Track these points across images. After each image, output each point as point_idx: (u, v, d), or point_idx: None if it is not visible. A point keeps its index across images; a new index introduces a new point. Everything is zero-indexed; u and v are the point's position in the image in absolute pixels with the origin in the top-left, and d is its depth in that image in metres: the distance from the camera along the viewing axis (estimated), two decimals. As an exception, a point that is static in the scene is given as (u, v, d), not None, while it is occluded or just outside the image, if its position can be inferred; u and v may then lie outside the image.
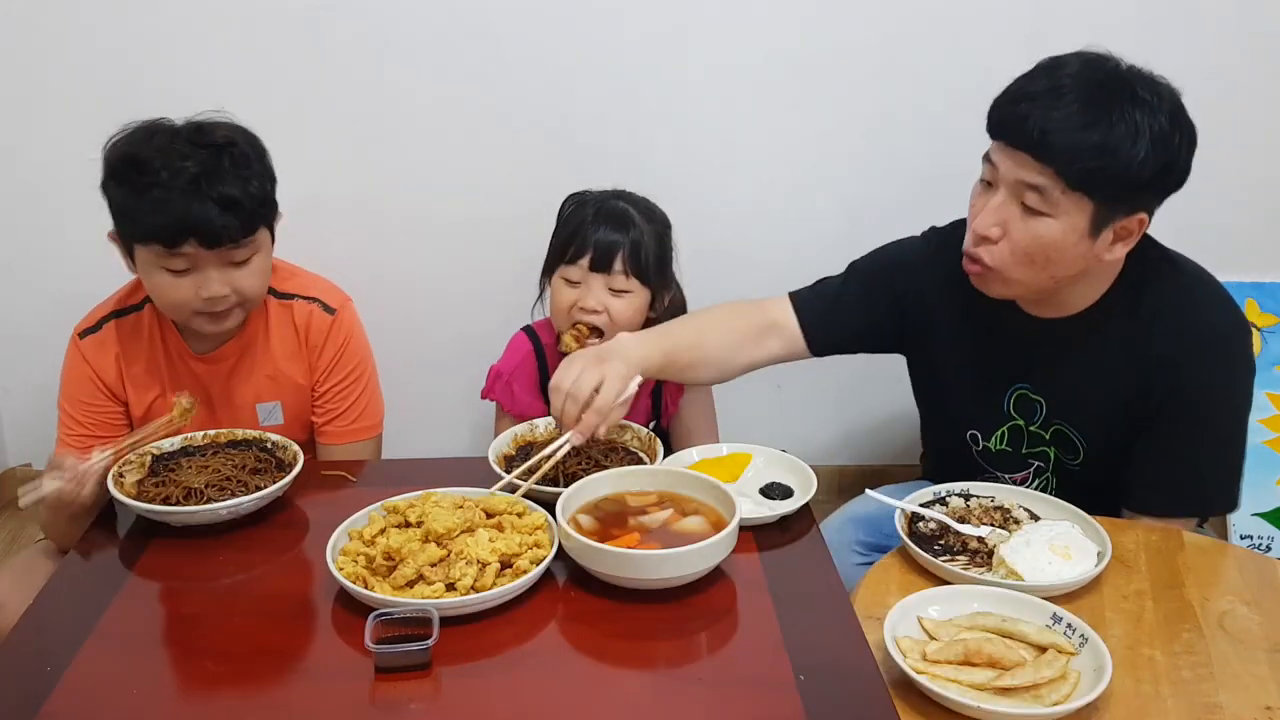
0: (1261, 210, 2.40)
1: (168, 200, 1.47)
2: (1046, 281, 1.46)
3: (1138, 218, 1.41)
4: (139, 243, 1.53)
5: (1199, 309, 1.49)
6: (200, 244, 1.50)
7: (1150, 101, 1.35)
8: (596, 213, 1.79)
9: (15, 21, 2.19)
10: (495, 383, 1.93)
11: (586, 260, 1.77)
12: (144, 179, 1.49)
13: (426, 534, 1.26)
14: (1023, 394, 1.59)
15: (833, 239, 2.34)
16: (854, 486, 1.75)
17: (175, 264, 1.53)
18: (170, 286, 1.55)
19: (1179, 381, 1.47)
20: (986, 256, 1.45)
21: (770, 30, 2.25)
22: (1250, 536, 2.36)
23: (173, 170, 1.48)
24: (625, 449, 1.55)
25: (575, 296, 1.79)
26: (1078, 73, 1.38)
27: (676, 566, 1.20)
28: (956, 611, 1.22)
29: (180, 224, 1.48)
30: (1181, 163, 1.39)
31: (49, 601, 1.24)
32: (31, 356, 2.46)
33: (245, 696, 1.08)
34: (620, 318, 1.79)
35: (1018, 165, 1.39)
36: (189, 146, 1.51)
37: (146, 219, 1.50)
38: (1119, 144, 1.34)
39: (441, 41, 2.22)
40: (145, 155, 1.50)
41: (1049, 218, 1.39)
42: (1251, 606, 1.28)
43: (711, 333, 1.63)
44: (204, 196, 1.48)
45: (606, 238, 1.76)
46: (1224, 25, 2.24)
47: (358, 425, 1.77)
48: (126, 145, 1.54)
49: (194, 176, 1.48)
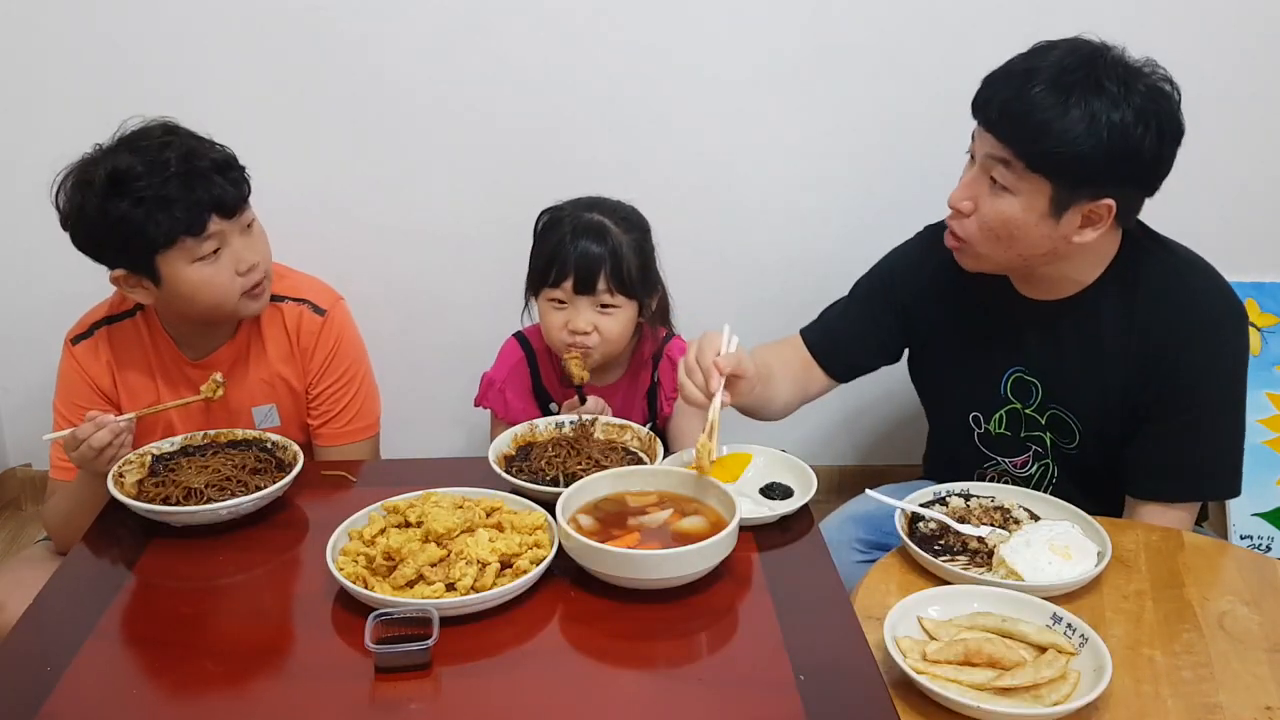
0: (1261, 210, 2.40)
1: (177, 189, 1.48)
2: (1015, 259, 1.50)
3: (1105, 203, 1.42)
4: (164, 248, 1.51)
5: (1194, 293, 1.51)
6: (221, 215, 1.52)
7: (1115, 92, 1.37)
8: (574, 230, 1.71)
9: (15, 21, 2.19)
10: (488, 390, 1.91)
11: (569, 284, 1.71)
12: (140, 184, 1.47)
13: (426, 534, 1.26)
14: (1019, 376, 1.61)
15: (833, 239, 2.37)
16: (854, 486, 1.75)
17: (206, 248, 1.53)
18: (209, 277, 1.55)
19: (1175, 367, 1.48)
20: (958, 228, 1.51)
21: (770, 30, 2.25)
22: (1250, 536, 2.36)
23: (163, 164, 1.48)
24: (625, 449, 1.55)
25: (564, 318, 1.74)
26: (1057, 59, 1.41)
27: (676, 566, 1.20)
28: (956, 611, 1.22)
29: (199, 203, 1.50)
30: (1148, 155, 1.40)
31: (49, 601, 1.24)
32: (31, 357, 2.46)
33: (245, 696, 1.08)
34: (610, 334, 1.75)
35: (987, 143, 1.45)
36: (151, 143, 1.51)
37: (166, 218, 1.48)
38: (1069, 130, 1.37)
39: (438, 47, 2.22)
40: (124, 166, 1.48)
41: (1011, 195, 1.44)
42: (1251, 606, 1.28)
43: (775, 366, 1.66)
44: (201, 172, 1.50)
45: (586, 258, 1.69)
46: (1224, 25, 2.24)
47: (353, 426, 1.77)
48: (98, 169, 1.49)
49: (182, 159, 1.49)
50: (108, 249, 1.54)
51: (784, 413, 1.71)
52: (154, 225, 1.48)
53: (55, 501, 1.66)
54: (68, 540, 1.55)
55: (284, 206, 1.68)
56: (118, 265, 1.56)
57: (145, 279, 1.56)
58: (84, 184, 1.50)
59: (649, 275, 1.80)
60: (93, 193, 1.49)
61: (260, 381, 1.72)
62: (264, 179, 1.64)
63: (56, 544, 1.69)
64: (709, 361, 1.40)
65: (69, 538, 1.52)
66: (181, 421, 1.70)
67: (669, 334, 1.91)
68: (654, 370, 1.89)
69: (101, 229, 1.50)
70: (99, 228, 1.51)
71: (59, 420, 1.69)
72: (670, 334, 1.92)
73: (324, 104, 2.25)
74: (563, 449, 1.52)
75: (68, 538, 1.56)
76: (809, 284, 1.97)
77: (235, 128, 1.67)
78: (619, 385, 1.89)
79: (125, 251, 1.53)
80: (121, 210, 1.48)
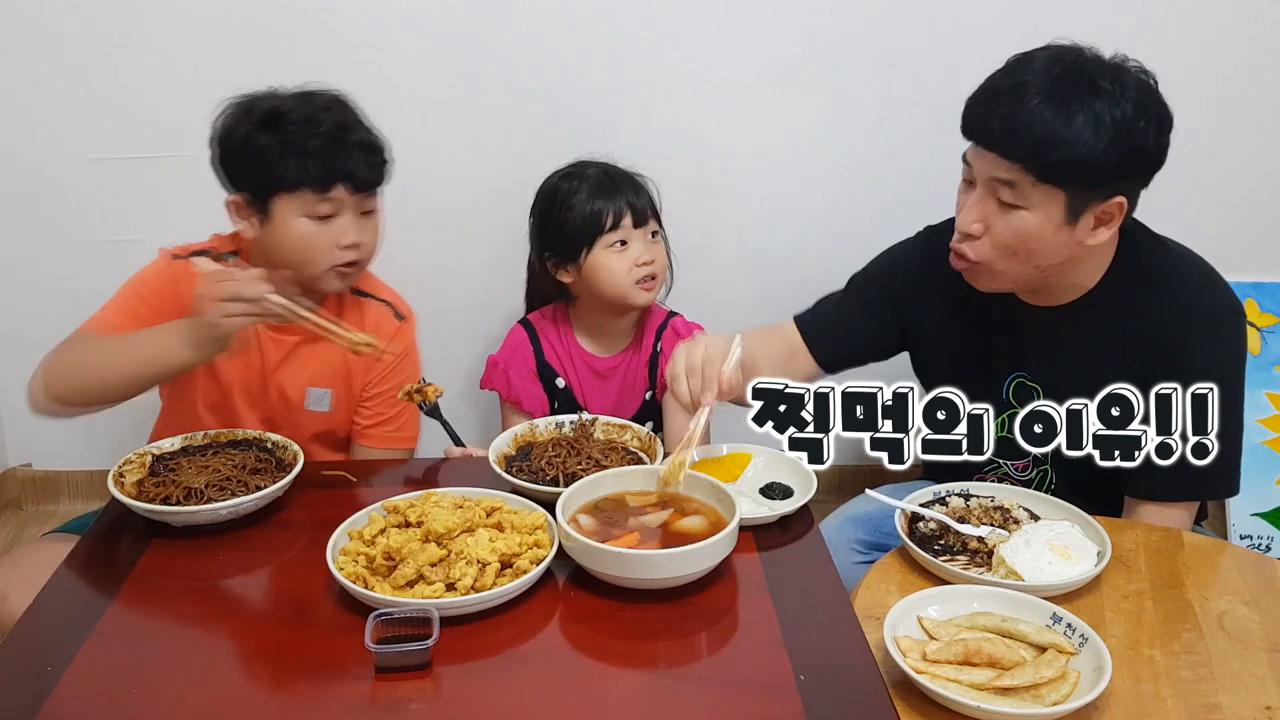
0: (1261, 210, 2.40)
1: (319, 145, 1.56)
2: (1032, 272, 1.49)
3: (1116, 201, 1.43)
4: (286, 191, 1.57)
5: (1192, 292, 1.51)
6: (348, 188, 1.58)
7: (1111, 90, 1.38)
8: (601, 178, 1.86)
9: (15, 21, 2.19)
10: (493, 371, 1.99)
11: (629, 219, 1.83)
12: (291, 128, 1.56)
13: (426, 534, 1.26)
14: (1021, 382, 1.61)
15: (832, 236, 2.37)
16: (854, 486, 1.75)
17: (322, 209, 1.58)
18: (313, 235, 1.59)
19: (1173, 365, 1.48)
20: (971, 252, 1.50)
21: (770, 28, 2.25)
22: (1250, 536, 2.36)
23: (316, 120, 1.57)
24: (625, 449, 1.55)
25: (630, 257, 1.84)
26: (1041, 69, 1.41)
27: (676, 566, 1.20)
28: (956, 611, 1.22)
29: (331, 167, 1.56)
30: (1151, 146, 1.40)
31: (49, 601, 1.24)
32: (31, 356, 2.44)
33: (245, 696, 1.08)
34: (662, 261, 1.88)
35: (989, 163, 1.43)
36: (316, 101, 1.61)
37: (299, 165, 1.55)
38: (1079, 135, 1.37)
39: (436, 45, 2.22)
40: (286, 108, 1.58)
41: (1024, 210, 1.43)
42: (1251, 606, 1.28)
43: (760, 356, 1.65)
44: (348, 143, 1.58)
45: (632, 191, 1.85)
46: (1224, 26, 2.24)
47: (401, 434, 1.80)
48: (261, 102, 1.60)
49: (337, 124, 1.58)
50: (239, 172, 1.61)
51: None
52: (285, 167, 1.56)
53: (76, 344, 1.57)
54: (61, 389, 1.52)
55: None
56: (240, 190, 1.61)
57: (257, 213, 1.61)
58: (244, 111, 1.60)
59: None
60: (248, 121, 1.59)
61: (326, 364, 1.74)
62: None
63: (44, 388, 1.57)
64: (713, 374, 1.40)
65: (69, 387, 1.51)
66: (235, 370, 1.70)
67: (671, 311, 2.01)
68: (657, 341, 1.96)
69: (241, 153, 1.59)
70: (240, 151, 1.59)
71: (115, 312, 1.63)
72: (672, 312, 2.01)
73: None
74: (563, 449, 1.52)
75: (67, 385, 1.53)
76: (808, 281, 1.97)
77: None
78: (624, 355, 1.97)
79: (252, 180, 1.60)
80: (264, 142, 1.57)
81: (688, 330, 1.96)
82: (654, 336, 1.96)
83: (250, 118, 1.59)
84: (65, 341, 1.60)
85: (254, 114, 1.59)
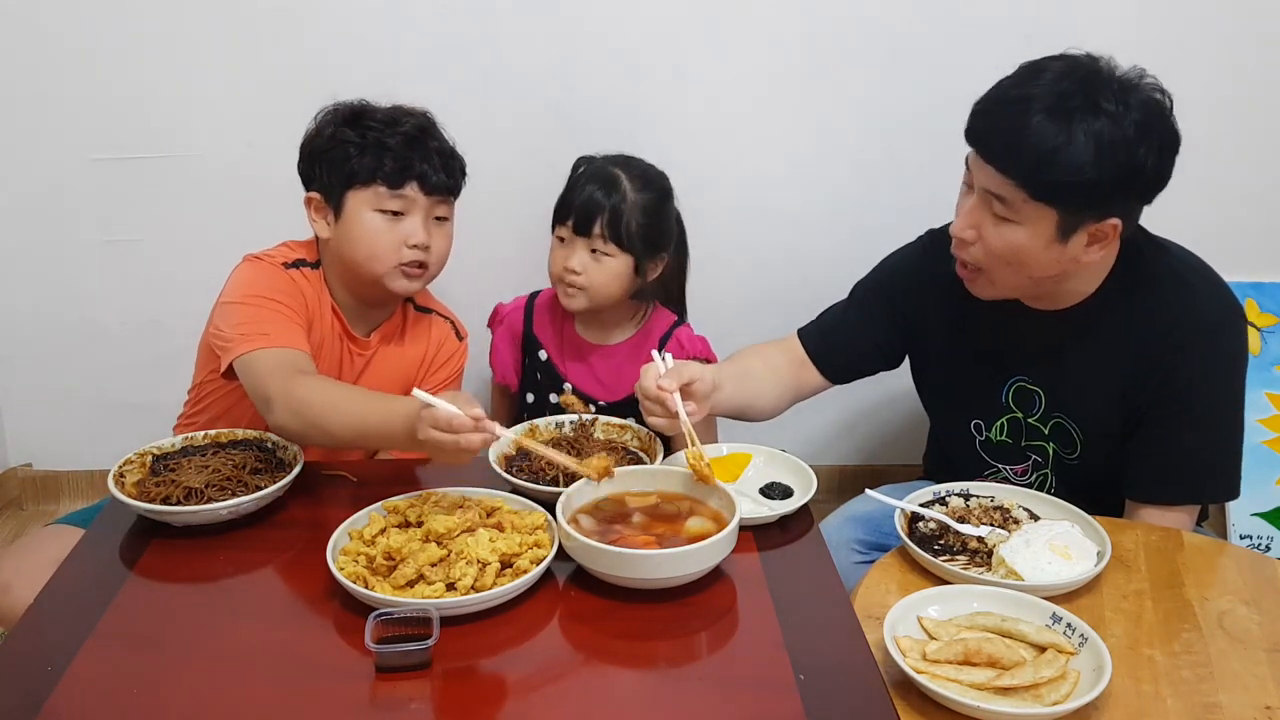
0: (1261, 210, 2.40)
1: (397, 143, 1.62)
2: (1025, 281, 1.50)
3: (1110, 222, 1.42)
4: (361, 184, 1.62)
5: (1192, 295, 1.51)
6: (420, 188, 1.63)
7: (1114, 111, 1.36)
8: (589, 176, 1.84)
9: (15, 21, 2.19)
10: (494, 319, 2.06)
11: (571, 223, 1.82)
12: (374, 125, 1.63)
13: (427, 534, 1.26)
14: (1021, 386, 1.61)
15: (834, 239, 2.37)
16: (854, 486, 1.76)
17: (393, 204, 1.63)
18: (382, 230, 1.63)
19: (1174, 370, 1.49)
20: (967, 256, 1.51)
21: (772, 32, 2.25)
22: (1250, 536, 2.36)
23: (399, 121, 1.64)
24: (625, 449, 1.55)
25: (564, 255, 1.84)
26: (1049, 81, 1.39)
27: (676, 566, 1.20)
28: (956, 611, 1.22)
29: (406, 163, 1.62)
30: (1151, 169, 1.39)
31: (50, 600, 1.24)
32: (31, 356, 2.47)
33: (245, 696, 1.08)
34: (595, 281, 1.82)
35: (986, 174, 1.43)
36: (402, 110, 1.68)
37: (374, 159, 1.61)
38: (1077, 157, 1.36)
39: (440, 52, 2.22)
40: (369, 110, 1.67)
41: (1016, 225, 1.43)
42: (1251, 606, 1.28)
43: (756, 366, 1.69)
44: (426, 147, 1.64)
45: (589, 203, 1.80)
46: (1224, 27, 2.24)
47: None
48: (349, 105, 1.68)
49: (417, 127, 1.65)
50: (319, 168, 1.66)
51: (774, 412, 1.72)
52: (360, 159, 1.62)
53: (310, 384, 1.49)
54: (300, 426, 1.46)
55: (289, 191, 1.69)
56: (317, 188, 1.67)
57: (331, 211, 1.66)
58: (334, 111, 1.68)
59: (656, 236, 1.86)
60: (335, 119, 1.67)
61: (387, 369, 1.78)
62: (265, 174, 1.64)
63: (294, 415, 1.46)
64: (653, 387, 1.41)
65: (307, 423, 1.45)
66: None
67: (680, 319, 1.99)
68: (660, 348, 1.93)
69: (323, 147, 1.66)
70: (323, 146, 1.66)
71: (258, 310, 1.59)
72: (681, 320, 1.99)
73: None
74: (563, 449, 1.52)
75: (307, 422, 1.46)
76: (810, 284, 1.97)
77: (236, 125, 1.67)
78: (622, 347, 1.95)
79: (330, 174, 1.65)
80: (345, 136, 1.63)
81: (692, 344, 1.94)
82: (657, 344, 1.93)
83: (337, 115, 1.67)
84: (280, 370, 1.51)
85: (341, 112, 1.67)
